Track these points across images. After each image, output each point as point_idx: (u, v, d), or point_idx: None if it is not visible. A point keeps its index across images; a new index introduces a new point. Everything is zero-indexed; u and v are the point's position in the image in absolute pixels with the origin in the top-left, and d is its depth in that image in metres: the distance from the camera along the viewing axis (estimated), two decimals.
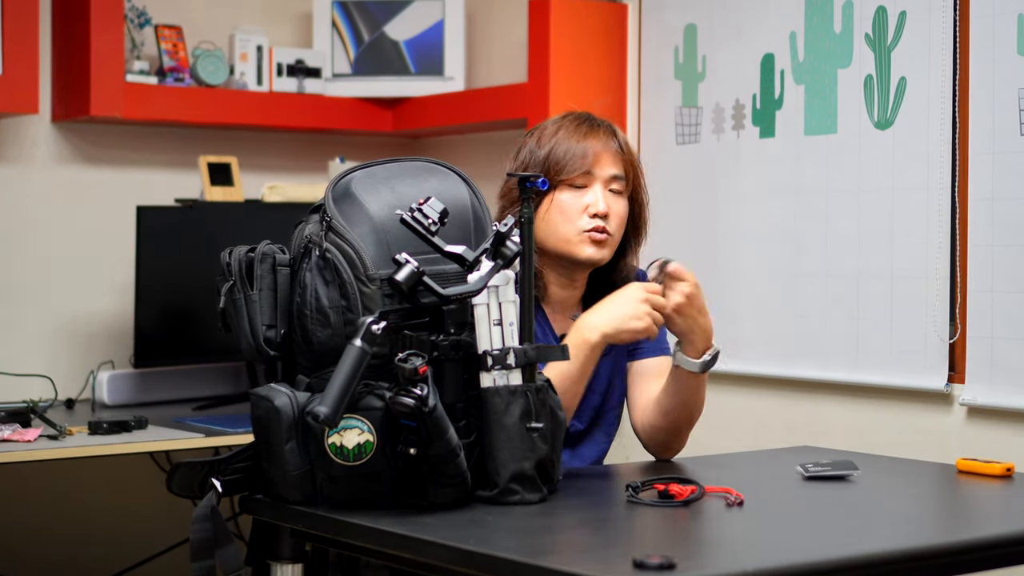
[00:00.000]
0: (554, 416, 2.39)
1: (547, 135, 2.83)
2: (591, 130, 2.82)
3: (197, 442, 3.59)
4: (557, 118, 2.87)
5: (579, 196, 2.79)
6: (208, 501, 2.38)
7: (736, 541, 2.18)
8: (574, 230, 2.78)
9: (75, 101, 4.27)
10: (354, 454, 2.25)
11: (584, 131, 2.82)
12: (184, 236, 4.19)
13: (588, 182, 2.79)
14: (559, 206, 2.78)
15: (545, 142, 2.82)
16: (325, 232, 2.38)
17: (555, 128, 2.83)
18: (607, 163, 2.80)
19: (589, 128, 2.82)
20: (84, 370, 4.31)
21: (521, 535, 2.18)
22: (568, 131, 2.82)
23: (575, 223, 2.78)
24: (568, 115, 2.86)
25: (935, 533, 2.34)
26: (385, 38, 4.77)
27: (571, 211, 2.78)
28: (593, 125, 2.83)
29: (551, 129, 2.84)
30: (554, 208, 2.79)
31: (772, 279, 3.98)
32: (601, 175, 2.80)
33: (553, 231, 2.79)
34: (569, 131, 2.82)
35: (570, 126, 2.83)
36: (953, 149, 3.57)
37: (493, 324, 2.34)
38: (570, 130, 2.82)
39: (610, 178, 2.81)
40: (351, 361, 2.20)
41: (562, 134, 2.81)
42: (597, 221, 2.77)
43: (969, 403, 3.53)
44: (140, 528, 4.40)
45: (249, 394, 2.40)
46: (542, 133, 2.84)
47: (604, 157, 2.80)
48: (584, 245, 2.78)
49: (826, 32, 3.84)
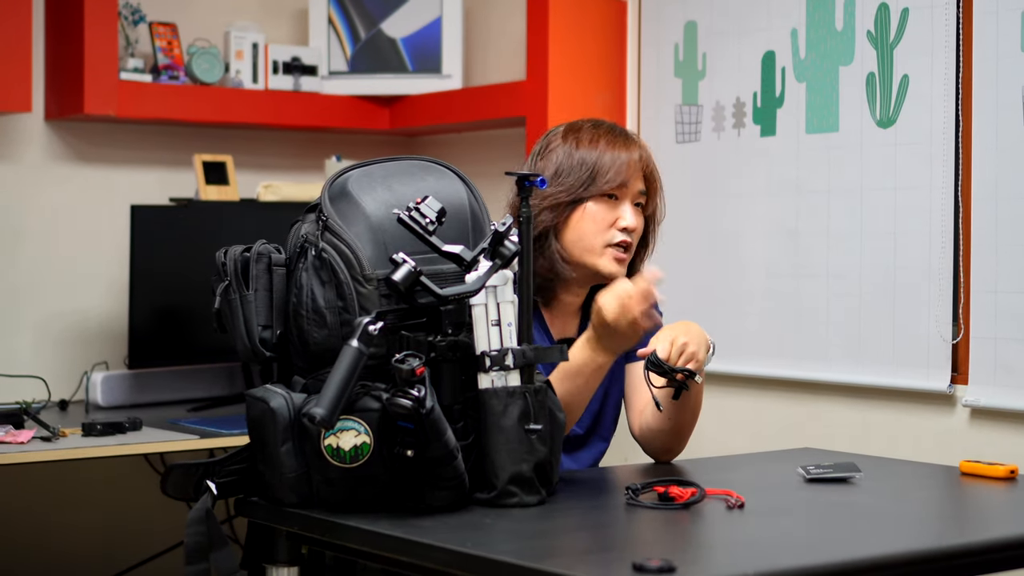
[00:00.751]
0: (553, 417, 2.39)
1: (586, 140, 2.82)
2: (629, 142, 2.84)
3: (192, 444, 3.59)
4: (591, 124, 2.86)
5: (610, 208, 2.80)
6: (203, 504, 2.39)
7: (737, 544, 2.18)
8: (601, 242, 2.80)
9: (69, 99, 4.26)
10: (351, 456, 2.25)
11: (623, 142, 2.83)
12: (179, 235, 4.19)
13: (621, 195, 2.81)
14: (591, 216, 2.80)
15: (586, 146, 2.81)
16: (321, 232, 2.38)
17: (593, 134, 2.83)
18: (638, 179, 2.83)
19: (627, 140, 2.84)
20: (78, 371, 4.31)
21: (520, 538, 2.17)
22: (608, 141, 2.82)
23: (604, 235, 2.80)
24: (600, 123, 2.87)
25: (938, 536, 2.34)
26: (382, 35, 4.77)
27: (602, 222, 2.80)
28: (629, 138, 2.86)
29: (588, 134, 2.83)
30: (587, 217, 2.80)
31: (773, 279, 3.98)
32: (632, 190, 2.82)
33: (580, 239, 2.80)
34: (609, 140, 2.82)
35: (608, 136, 2.83)
36: (956, 147, 3.57)
37: (491, 324, 2.34)
38: (610, 139, 2.83)
39: (638, 193, 2.83)
40: (347, 362, 2.20)
41: (604, 143, 2.82)
42: (624, 236, 2.79)
43: (972, 404, 3.52)
44: (134, 531, 4.39)
45: (244, 395, 2.40)
46: (578, 137, 2.84)
47: (637, 172, 2.82)
48: (607, 259, 2.80)
49: (828, 29, 3.84)
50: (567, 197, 2.79)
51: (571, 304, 2.88)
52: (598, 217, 2.80)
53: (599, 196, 2.80)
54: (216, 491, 2.40)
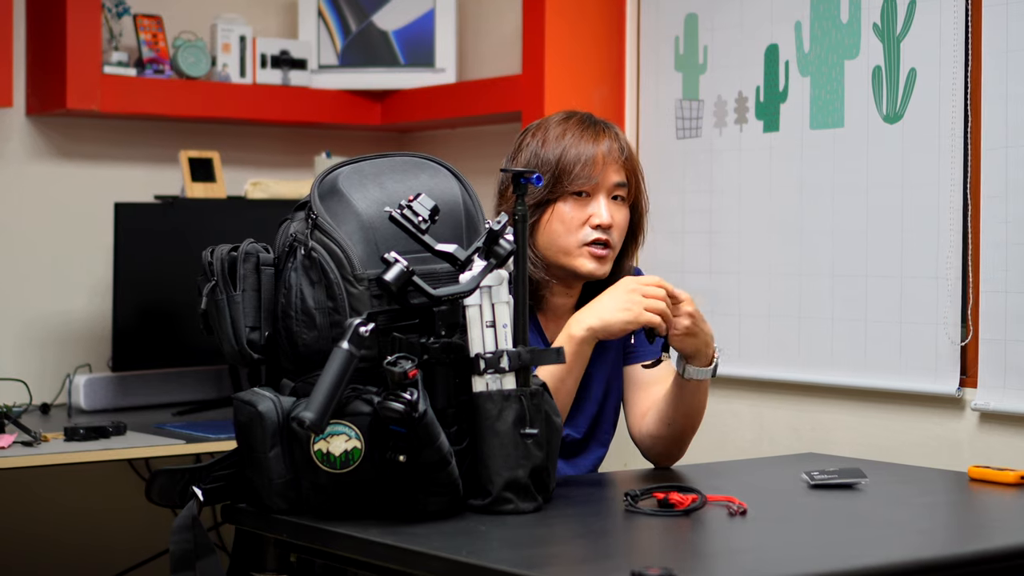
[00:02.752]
0: (549, 422, 2.39)
1: (552, 137, 2.81)
2: (597, 135, 2.81)
3: (177, 449, 3.59)
4: (559, 118, 2.85)
5: (582, 206, 2.79)
6: (189, 510, 2.39)
7: (739, 552, 2.18)
8: (575, 242, 2.78)
9: (51, 94, 4.26)
10: (341, 461, 2.25)
11: (591, 136, 2.81)
12: (164, 234, 4.19)
13: (593, 190, 2.79)
14: (560, 216, 2.78)
15: (551, 145, 2.80)
16: (311, 230, 2.38)
17: (560, 130, 2.82)
18: (612, 171, 2.80)
19: (595, 133, 2.81)
20: (60, 374, 4.30)
21: (515, 546, 2.18)
22: (575, 135, 2.80)
23: (576, 235, 2.78)
24: (571, 115, 2.85)
25: (946, 544, 2.35)
26: (373, 28, 4.77)
27: (573, 222, 2.78)
28: (599, 129, 2.82)
29: (555, 131, 2.82)
30: (555, 218, 2.79)
31: (776, 279, 3.98)
32: (605, 184, 2.80)
33: (553, 242, 2.79)
34: (576, 135, 2.80)
35: (575, 129, 2.81)
36: (965, 143, 3.57)
37: (486, 326, 2.34)
38: (576, 134, 2.80)
39: (614, 186, 2.81)
40: (338, 364, 2.20)
41: (569, 138, 2.80)
42: (599, 233, 2.78)
43: (981, 408, 3.53)
44: (118, 538, 4.39)
45: (232, 399, 2.40)
46: (545, 134, 2.82)
47: (610, 164, 2.80)
48: (584, 259, 2.79)
49: (833, 22, 3.84)
50: (533, 200, 2.77)
51: (563, 305, 2.88)
52: (567, 217, 2.79)
53: (567, 195, 2.79)
54: (202, 497, 2.40)
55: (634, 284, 2.68)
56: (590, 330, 2.66)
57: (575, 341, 2.66)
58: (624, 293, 2.67)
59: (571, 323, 2.68)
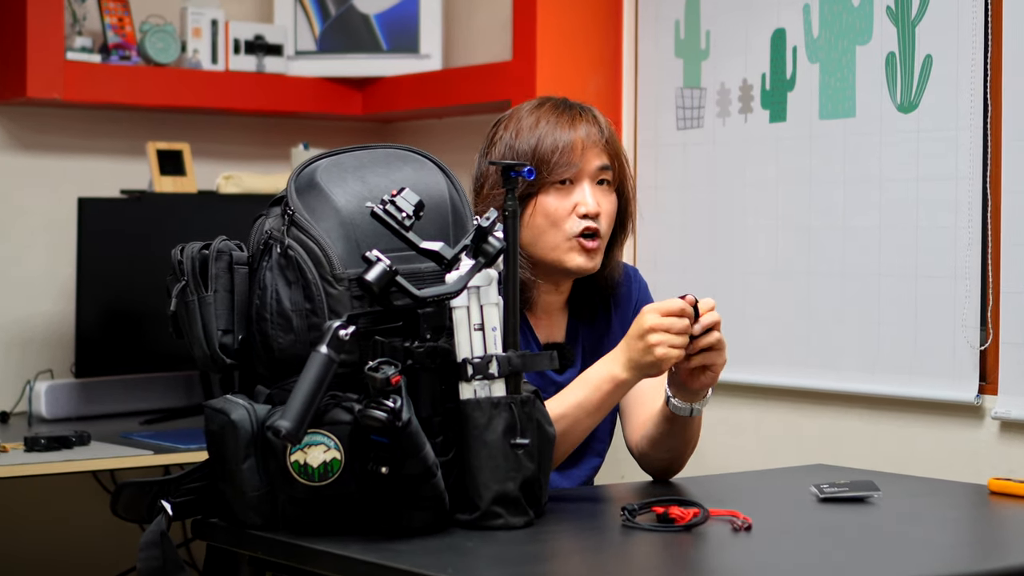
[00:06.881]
0: (541, 431, 2.39)
1: (526, 127, 2.81)
2: (574, 119, 2.81)
3: (145, 460, 3.59)
4: (531, 106, 2.85)
5: (566, 196, 2.78)
6: (157, 526, 2.39)
7: (743, 570, 2.19)
8: (562, 236, 2.78)
9: (9, 82, 4.26)
10: (319, 473, 2.25)
11: (567, 120, 2.80)
12: (131, 231, 4.19)
13: (575, 177, 2.79)
14: (544, 210, 2.78)
15: (525, 135, 2.80)
16: (287, 227, 2.38)
17: (533, 119, 2.81)
18: (593, 155, 2.80)
19: (571, 117, 2.81)
20: (20, 380, 4.30)
21: (505, 564, 2.18)
22: (549, 121, 2.80)
23: (563, 228, 2.78)
24: (543, 101, 2.85)
25: (965, 561, 2.35)
26: (354, 12, 4.77)
27: (558, 215, 2.78)
28: (575, 112, 2.82)
29: (528, 120, 2.82)
30: (538, 213, 2.78)
31: (782, 279, 3.98)
32: (588, 169, 2.79)
33: (539, 238, 2.79)
34: (550, 121, 2.80)
35: (549, 115, 2.81)
36: (984, 135, 3.58)
37: (474, 329, 2.34)
38: (551, 120, 2.80)
39: (597, 170, 2.80)
40: (316, 370, 2.20)
41: (544, 126, 2.80)
42: (587, 222, 2.77)
43: (1002, 417, 3.53)
44: (82, 555, 4.39)
45: (203, 407, 2.40)
46: (519, 124, 2.82)
47: (590, 149, 2.80)
48: (574, 254, 2.78)
49: (844, 5, 3.85)
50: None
51: (554, 304, 2.88)
52: (551, 209, 2.78)
53: (549, 186, 2.79)
54: (172, 512, 2.40)
55: (651, 322, 2.59)
56: (625, 382, 2.64)
57: (613, 377, 2.66)
58: (641, 339, 2.59)
59: (617, 359, 2.65)
